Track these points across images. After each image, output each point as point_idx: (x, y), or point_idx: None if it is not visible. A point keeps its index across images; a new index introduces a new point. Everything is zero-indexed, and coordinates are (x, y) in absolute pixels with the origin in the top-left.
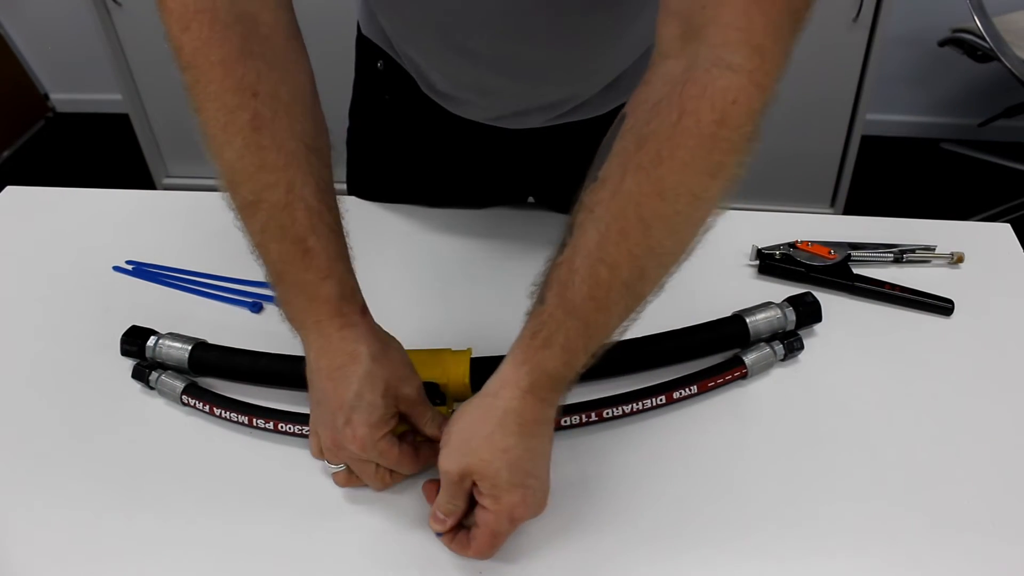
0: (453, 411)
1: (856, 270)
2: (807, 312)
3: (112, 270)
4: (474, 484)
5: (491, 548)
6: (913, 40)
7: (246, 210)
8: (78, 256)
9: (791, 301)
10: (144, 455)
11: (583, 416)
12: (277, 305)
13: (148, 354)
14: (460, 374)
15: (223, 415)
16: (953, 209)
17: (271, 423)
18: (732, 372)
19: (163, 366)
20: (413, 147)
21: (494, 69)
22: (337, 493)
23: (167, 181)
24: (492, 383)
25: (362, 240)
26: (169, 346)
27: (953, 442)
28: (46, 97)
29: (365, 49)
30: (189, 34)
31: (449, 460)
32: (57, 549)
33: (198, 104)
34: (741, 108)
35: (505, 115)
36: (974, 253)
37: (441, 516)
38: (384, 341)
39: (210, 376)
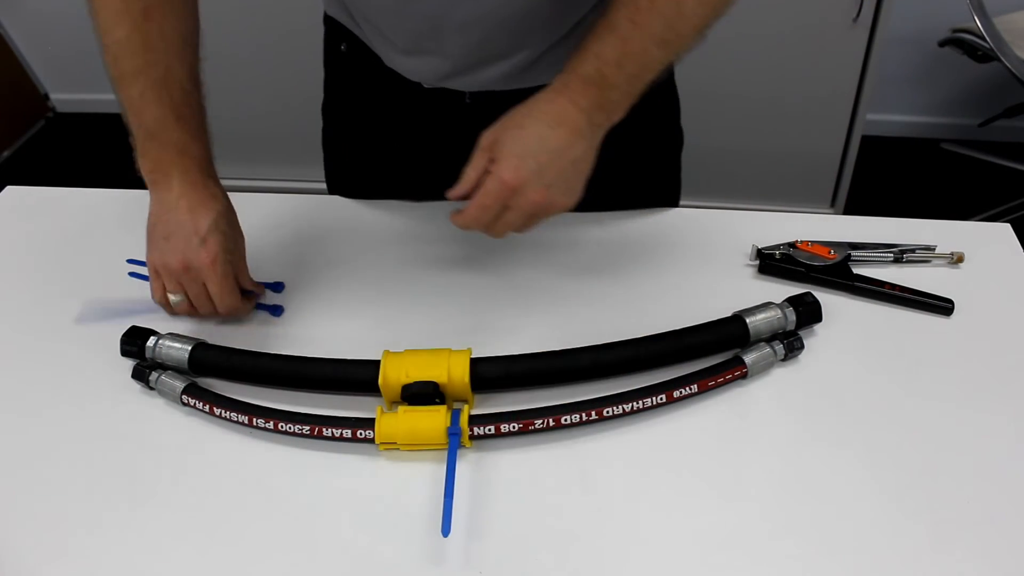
0: (456, 410)
1: (856, 270)
2: (807, 312)
3: (112, 270)
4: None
5: (478, 212)
6: (913, 40)
7: (127, 78)
8: (78, 256)
9: (791, 301)
10: (144, 455)
11: (583, 415)
12: (136, 158)
13: (148, 354)
14: (460, 374)
15: (223, 415)
16: (953, 209)
17: (271, 423)
18: (732, 372)
19: (163, 366)
20: (385, 135)
21: None
22: (337, 493)
23: None
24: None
25: (354, 240)
26: (169, 346)
27: (953, 442)
28: (46, 97)
29: (329, 32)
30: None
31: (487, 132)
32: (57, 548)
33: None
34: None
35: (459, 71)
36: (974, 253)
37: (459, 185)
38: (230, 205)
39: (210, 376)
